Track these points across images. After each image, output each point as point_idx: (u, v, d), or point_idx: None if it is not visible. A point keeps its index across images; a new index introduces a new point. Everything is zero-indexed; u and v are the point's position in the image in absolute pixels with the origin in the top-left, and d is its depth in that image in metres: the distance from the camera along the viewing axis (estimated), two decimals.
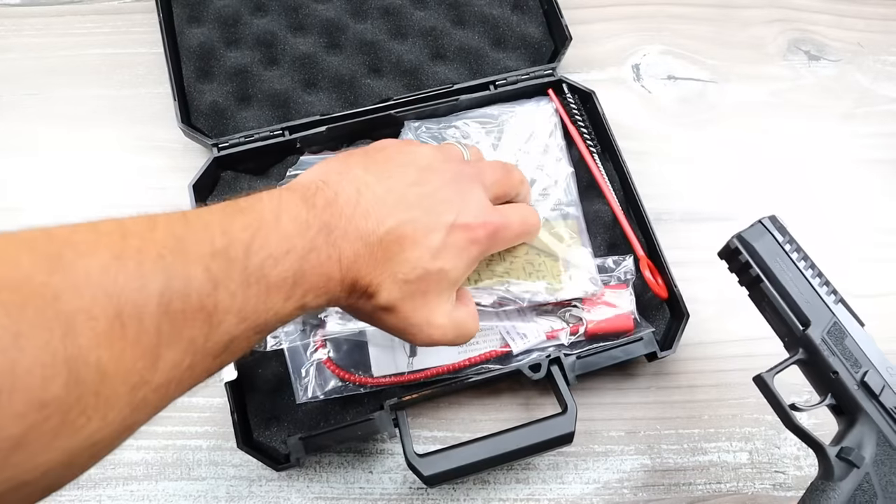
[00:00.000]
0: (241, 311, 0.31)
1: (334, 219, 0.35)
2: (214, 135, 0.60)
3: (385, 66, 0.64)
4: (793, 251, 0.44)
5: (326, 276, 0.35)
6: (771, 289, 0.43)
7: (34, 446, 0.23)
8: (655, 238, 0.56)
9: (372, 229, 0.36)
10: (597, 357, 0.52)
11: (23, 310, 0.23)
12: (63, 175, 0.62)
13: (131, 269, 0.27)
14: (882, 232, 0.62)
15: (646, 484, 0.53)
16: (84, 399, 0.24)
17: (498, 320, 0.54)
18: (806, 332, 0.42)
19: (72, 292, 0.25)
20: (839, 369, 0.41)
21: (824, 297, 0.43)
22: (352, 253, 0.36)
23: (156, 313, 0.27)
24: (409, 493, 0.52)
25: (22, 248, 0.26)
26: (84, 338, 0.25)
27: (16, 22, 0.68)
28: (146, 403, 0.28)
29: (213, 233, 0.31)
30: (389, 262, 0.37)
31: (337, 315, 0.53)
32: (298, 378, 0.52)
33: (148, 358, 0.27)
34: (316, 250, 0.34)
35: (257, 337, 0.33)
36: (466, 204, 0.40)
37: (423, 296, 0.39)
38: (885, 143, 0.66)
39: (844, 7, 0.72)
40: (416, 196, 0.39)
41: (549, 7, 0.64)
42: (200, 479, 0.53)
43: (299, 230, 0.34)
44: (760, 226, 0.44)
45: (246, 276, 0.31)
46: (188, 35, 0.63)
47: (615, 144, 0.59)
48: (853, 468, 0.39)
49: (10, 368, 0.22)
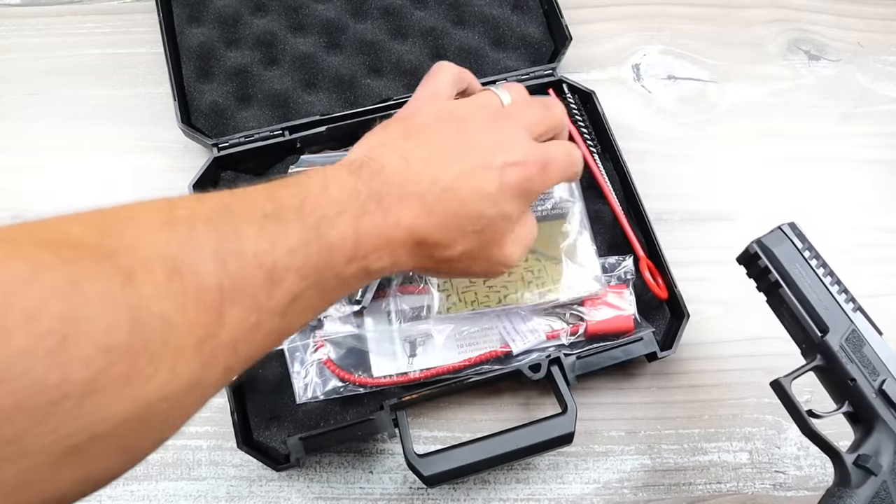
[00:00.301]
0: (302, 269, 0.31)
1: (384, 186, 0.36)
2: (214, 135, 0.60)
3: (385, 66, 0.64)
4: (812, 258, 0.44)
5: (386, 239, 0.35)
6: (790, 294, 0.43)
7: (105, 393, 0.23)
8: (655, 238, 0.56)
9: (427, 189, 0.37)
10: (597, 357, 0.52)
11: (79, 261, 0.24)
12: (63, 175, 0.62)
13: (182, 232, 0.28)
14: (882, 232, 0.62)
15: (646, 484, 0.53)
16: (150, 347, 0.25)
17: (498, 320, 0.54)
18: (824, 339, 0.42)
19: (125, 252, 0.26)
20: (857, 377, 0.41)
21: (843, 304, 0.43)
22: (410, 215, 0.36)
23: (214, 270, 0.28)
24: (409, 493, 0.52)
25: (72, 221, 0.27)
26: (144, 288, 0.25)
27: (16, 22, 0.68)
28: (215, 359, 0.28)
29: (261, 200, 0.32)
30: (454, 216, 0.37)
31: (336, 315, 0.53)
32: (298, 378, 0.52)
33: (212, 313, 0.27)
34: (369, 214, 0.35)
35: (322, 299, 0.34)
36: (510, 145, 0.40)
37: (494, 239, 0.40)
38: (885, 143, 0.66)
39: (844, 7, 0.72)
40: (461, 148, 0.39)
41: (549, 7, 0.64)
42: (200, 479, 0.53)
43: (348, 196, 0.34)
44: (780, 232, 0.45)
45: (303, 233, 0.32)
46: (188, 35, 0.63)
47: (615, 144, 0.59)
48: (870, 476, 0.39)
49: (72, 313, 0.23)
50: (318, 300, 0.33)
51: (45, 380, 0.22)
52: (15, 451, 0.22)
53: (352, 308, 0.53)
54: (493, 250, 0.40)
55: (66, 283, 0.23)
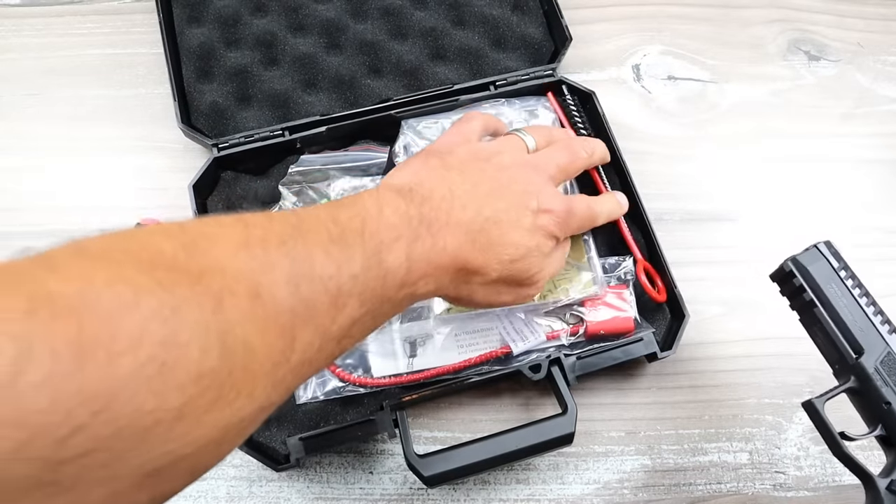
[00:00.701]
0: (362, 295, 0.32)
1: (433, 212, 0.38)
2: (214, 135, 0.60)
3: (385, 66, 0.64)
4: (847, 278, 0.44)
5: (435, 265, 0.37)
6: (825, 314, 0.43)
7: (192, 419, 0.24)
8: (655, 238, 0.56)
9: (471, 218, 0.40)
10: (597, 357, 0.52)
11: (177, 286, 0.24)
12: (63, 175, 0.62)
13: (258, 254, 0.29)
14: (882, 232, 0.62)
15: (646, 484, 0.53)
16: (235, 373, 0.25)
17: (498, 321, 0.54)
18: (859, 361, 0.42)
19: (212, 273, 0.26)
20: (892, 401, 0.41)
21: (878, 326, 0.43)
22: (455, 241, 0.38)
23: (287, 294, 0.29)
24: (409, 494, 0.52)
25: (162, 236, 0.27)
26: (231, 313, 0.26)
27: (16, 22, 0.68)
28: (284, 382, 0.29)
29: (325, 222, 0.33)
30: (493, 246, 0.40)
31: None
32: None
33: (286, 337, 0.28)
34: (420, 239, 0.36)
35: (373, 325, 0.35)
36: (542, 192, 0.44)
37: (526, 269, 0.42)
38: (886, 143, 0.66)
39: (844, 7, 0.72)
40: (501, 187, 0.42)
41: (549, 7, 0.64)
42: (200, 479, 0.52)
43: (402, 221, 0.36)
44: (815, 250, 0.44)
45: (365, 259, 0.33)
46: (188, 35, 0.63)
47: (615, 144, 0.59)
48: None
49: (171, 339, 0.23)
50: (371, 325, 0.35)
51: (143, 406, 0.22)
52: (106, 475, 0.22)
53: None
54: (524, 279, 0.43)
55: (166, 309, 0.23)
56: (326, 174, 0.58)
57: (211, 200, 0.59)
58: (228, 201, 0.59)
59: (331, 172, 0.58)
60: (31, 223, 0.60)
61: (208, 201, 0.59)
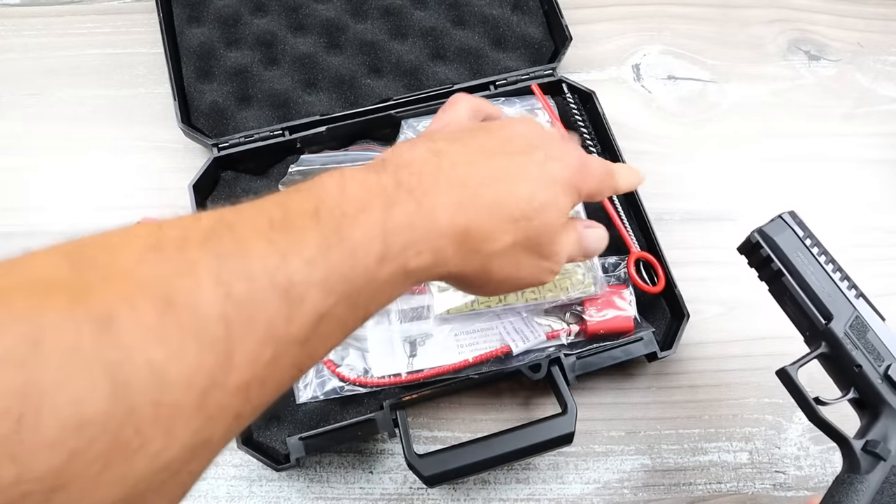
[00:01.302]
0: (326, 281, 0.26)
1: (413, 176, 0.32)
2: (214, 135, 0.60)
3: (385, 66, 0.64)
4: (813, 246, 0.44)
5: (425, 230, 0.30)
6: (793, 282, 0.43)
7: (79, 483, 0.19)
8: (655, 238, 0.56)
9: (467, 175, 0.33)
10: (597, 357, 0.52)
11: (45, 312, 0.19)
12: (63, 175, 0.62)
13: (172, 255, 0.23)
14: (883, 232, 0.62)
15: (646, 484, 0.53)
16: (137, 412, 0.20)
17: (498, 320, 0.54)
18: (828, 326, 0.42)
19: (104, 286, 0.21)
20: (863, 363, 0.41)
21: (845, 291, 0.43)
22: (449, 201, 0.31)
23: (214, 298, 0.23)
24: (409, 494, 0.52)
25: (40, 256, 0.22)
26: (127, 334, 0.20)
27: (16, 22, 0.68)
28: (223, 410, 0.23)
29: (269, 209, 0.27)
30: (501, 204, 0.33)
31: None
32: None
33: (217, 354, 0.22)
34: (400, 205, 0.30)
35: (354, 315, 0.28)
36: (550, 145, 0.37)
37: (544, 231, 0.35)
38: (885, 142, 0.66)
39: (844, 7, 0.72)
40: (498, 143, 0.36)
41: (549, 7, 0.64)
42: (200, 479, 0.52)
43: (371, 192, 0.30)
44: (781, 221, 0.45)
45: (322, 239, 0.27)
46: (188, 35, 0.63)
47: (615, 144, 0.59)
48: (879, 461, 0.39)
49: (33, 384, 0.18)
50: (350, 316, 0.28)
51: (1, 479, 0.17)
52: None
53: None
54: (544, 246, 0.36)
55: (26, 347, 0.18)
56: None
57: (211, 200, 0.59)
58: (228, 201, 0.59)
59: None
60: (31, 223, 0.60)
61: (208, 201, 0.59)
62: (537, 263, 0.36)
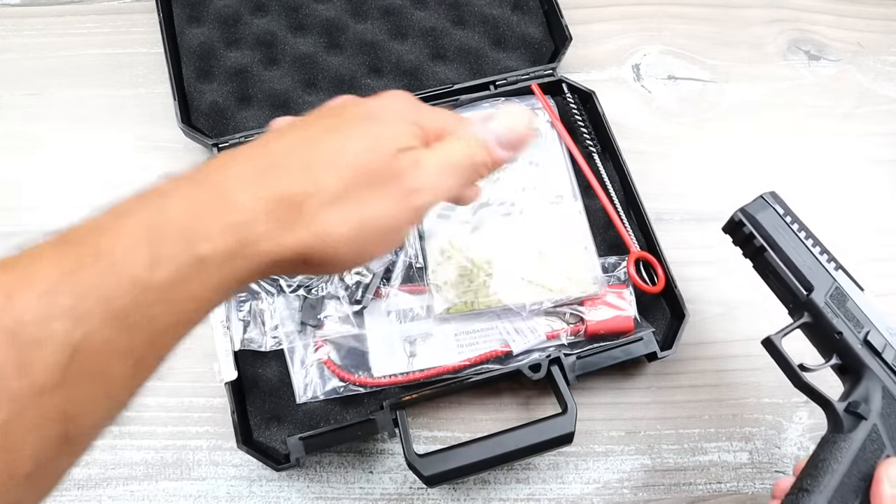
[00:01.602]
0: (76, 309, 0.23)
1: (203, 166, 0.28)
2: (214, 135, 0.60)
3: (385, 66, 0.64)
4: (793, 222, 0.47)
5: (211, 212, 0.26)
6: (775, 257, 0.46)
7: None
8: (655, 238, 0.56)
9: (274, 146, 0.30)
10: (597, 357, 0.52)
11: None
12: (63, 175, 0.62)
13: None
14: (883, 232, 0.62)
15: (646, 484, 0.53)
16: None
17: (498, 320, 0.54)
18: (810, 297, 0.44)
19: None
20: (843, 330, 0.43)
21: (825, 263, 0.45)
22: (246, 173, 0.28)
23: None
24: (409, 493, 0.52)
25: None
26: None
27: (16, 22, 0.68)
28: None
29: (45, 245, 0.24)
30: (313, 157, 0.29)
31: (336, 316, 0.53)
32: (298, 378, 0.52)
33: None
34: (172, 196, 0.26)
35: (139, 334, 0.25)
36: (380, 102, 0.35)
37: (390, 149, 0.31)
38: (886, 142, 0.66)
39: (844, 7, 0.72)
40: (309, 119, 0.33)
41: (549, 7, 0.64)
42: (200, 479, 0.53)
43: (141, 195, 0.26)
44: (762, 200, 0.47)
45: (66, 263, 0.24)
46: (188, 35, 0.63)
47: (615, 144, 0.59)
48: (861, 420, 0.41)
49: None
50: (129, 337, 0.24)
51: None
52: None
53: (352, 308, 0.53)
54: (388, 177, 0.30)
55: None
56: None
57: None
58: None
59: None
60: (31, 223, 0.60)
61: None
62: (391, 201, 0.30)
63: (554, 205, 0.57)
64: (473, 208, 0.57)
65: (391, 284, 0.55)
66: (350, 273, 0.53)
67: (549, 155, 0.59)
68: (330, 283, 0.54)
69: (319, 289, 0.54)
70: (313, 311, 0.53)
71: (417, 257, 0.55)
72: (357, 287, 0.53)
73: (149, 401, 0.54)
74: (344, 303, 0.53)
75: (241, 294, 0.54)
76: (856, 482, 0.39)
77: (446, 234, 0.56)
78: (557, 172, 0.58)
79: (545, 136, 0.60)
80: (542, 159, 0.59)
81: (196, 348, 0.55)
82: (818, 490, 0.39)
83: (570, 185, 0.58)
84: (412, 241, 0.56)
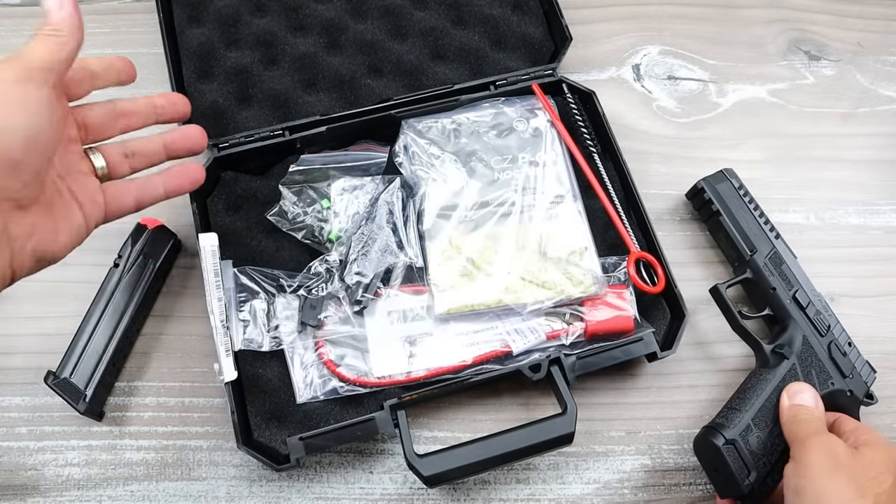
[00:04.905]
0: None
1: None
2: (214, 135, 0.60)
3: (385, 66, 0.64)
4: (745, 195, 0.58)
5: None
6: (727, 221, 0.57)
7: None
8: (656, 238, 0.56)
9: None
10: (597, 357, 0.52)
11: None
12: None
13: None
14: (882, 232, 0.62)
15: (646, 484, 0.53)
16: None
17: (498, 320, 0.54)
18: (753, 257, 0.55)
19: None
20: (777, 286, 0.54)
21: (767, 232, 0.56)
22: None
23: None
24: (409, 494, 0.52)
25: None
26: None
27: (16, 22, 0.68)
28: None
29: None
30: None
31: (337, 316, 0.53)
32: (298, 378, 0.52)
33: None
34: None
35: None
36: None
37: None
38: (886, 142, 0.66)
39: (844, 7, 0.72)
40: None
41: (549, 7, 0.64)
42: (200, 479, 0.53)
43: None
44: (721, 174, 0.58)
45: None
46: (188, 35, 0.63)
47: (615, 144, 0.59)
48: (783, 359, 0.51)
49: None
50: None
51: None
52: None
53: (352, 308, 0.53)
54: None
55: None
56: (326, 174, 0.58)
57: (211, 200, 0.59)
58: (228, 201, 0.59)
59: (331, 172, 0.58)
60: None
61: (208, 201, 0.59)
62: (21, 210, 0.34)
63: (554, 205, 0.57)
64: (473, 208, 0.57)
65: (391, 284, 0.55)
66: (350, 273, 0.53)
67: (549, 155, 0.59)
68: (330, 284, 0.54)
69: (319, 289, 0.54)
70: (313, 311, 0.53)
71: (417, 257, 0.55)
72: (357, 287, 0.53)
73: (149, 401, 0.54)
74: (344, 303, 0.53)
75: (241, 294, 0.54)
76: (773, 405, 0.49)
77: (446, 234, 0.56)
78: (557, 172, 0.58)
79: (545, 136, 0.60)
80: (543, 159, 0.59)
81: (196, 348, 0.55)
82: (745, 409, 0.49)
83: (571, 186, 0.58)
84: (412, 242, 0.56)
